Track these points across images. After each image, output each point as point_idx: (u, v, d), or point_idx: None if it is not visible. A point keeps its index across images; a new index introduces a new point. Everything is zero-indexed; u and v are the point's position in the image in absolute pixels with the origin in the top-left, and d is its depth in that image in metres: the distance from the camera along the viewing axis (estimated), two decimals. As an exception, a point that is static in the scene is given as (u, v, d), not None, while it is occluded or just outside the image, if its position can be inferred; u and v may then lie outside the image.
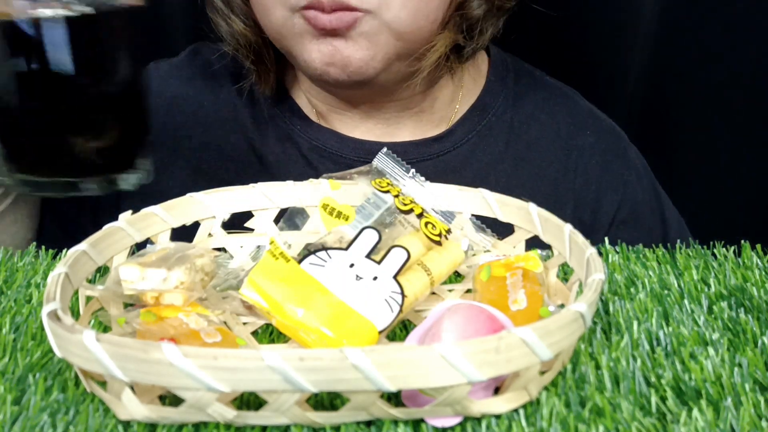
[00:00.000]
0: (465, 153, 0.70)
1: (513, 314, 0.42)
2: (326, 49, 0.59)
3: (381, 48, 0.59)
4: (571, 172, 0.70)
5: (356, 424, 0.35)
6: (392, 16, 0.57)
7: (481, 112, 0.71)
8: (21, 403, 0.37)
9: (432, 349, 0.32)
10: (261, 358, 0.32)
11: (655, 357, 0.40)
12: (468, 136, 0.70)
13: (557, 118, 0.72)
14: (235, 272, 0.49)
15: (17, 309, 0.46)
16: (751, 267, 0.51)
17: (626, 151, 0.73)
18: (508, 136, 0.71)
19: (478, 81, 0.72)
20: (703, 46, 0.82)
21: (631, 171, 0.72)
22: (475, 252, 0.52)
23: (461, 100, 0.71)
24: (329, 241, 0.49)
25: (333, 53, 0.59)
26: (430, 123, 0.71)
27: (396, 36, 0.59)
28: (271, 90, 0.69)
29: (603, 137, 0.72)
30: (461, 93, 0.71)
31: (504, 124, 0.71)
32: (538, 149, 0.71)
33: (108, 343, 0.33)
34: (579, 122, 0.72)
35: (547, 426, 0.35)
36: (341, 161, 0.68)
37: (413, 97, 0.68)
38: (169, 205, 0.51)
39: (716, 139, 0.85)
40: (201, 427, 0.35)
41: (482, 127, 0.70)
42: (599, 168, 0.71)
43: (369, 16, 0.57)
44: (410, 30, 0.59)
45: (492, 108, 0.71)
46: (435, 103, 0.70)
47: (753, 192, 0.84)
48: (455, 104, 0.71)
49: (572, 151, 0.71)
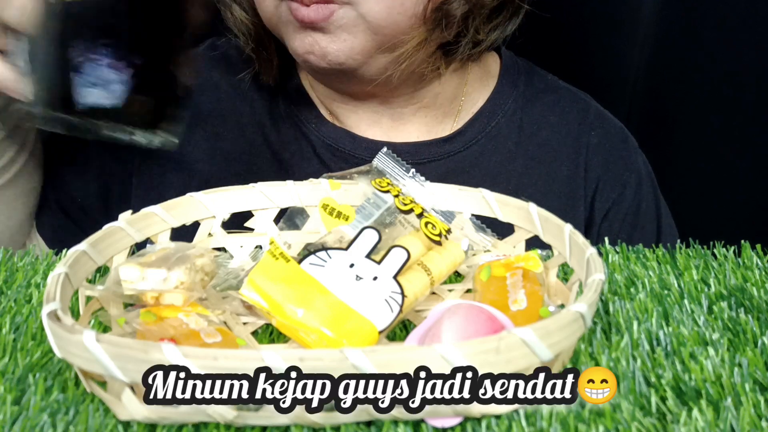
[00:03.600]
0: (475, 153, 0.70)
1: (513, 314, 0.42)
2: (307, 40, 0.61)
3: (359, 40, 0.60)
4: (581, 170, 0.71)
5: (356, 425, 0.35)
6: (367, 9, 0.59)
7: (491, 113, 0.72)
8: (21, 403, 0.37)
9: (432, 349, 0.32)
10: (261, 358, 0.32)
11: (655, 357, 0.40)
12: (478, 136, 0.71)
13: (567, 119, 0.73)
14: (235, 272, 0.49)
15: (17, 309, 0.46)
16: (751, 267, 0.51)
17: (631, 155, 0.74)
18: (518, 136, 0.71)
19: (487, 82, 0.73)
20: (703, 46, 0.82)
21: (633, 174, 0.72)
22: (475, 252, 0.52)
23: (468, 100, 0.72)
24: (329, 241, 0.49)
25: (312, 44, 0.61)
26: (435, 119, 0.71)
27: (373, 29, 0.60)
28: (274, 80, 0.70)
29: (609, 138, 0.73)
30: (465, 90, 0.72)
31: (514, 125, 0.72)
32: (549, 149, 0.71)
33: (108, 343, 0.33)
34: (588, 122, 0.73)
35: (547, 426, 0.35)
36: (354, 160, 0.69)
37: (415, 93, 0.69)
38: (169, 205, 0.51)
39: (716, 139, 0.85)
40: (201, 427, 0.35)
41: (491, 128, 0.71)
42: (601, 166, 0.72)
43: (346, 7, 0.58)
44: (386, 24, 0.60)
45: (501, 109, 0.72)
46: (437, 99, 0.70)
47: (753, 192, 0.84)
48: (459, 101, 0.72)
49: (581, 149, 0.72)
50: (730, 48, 0.80)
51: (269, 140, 0.71)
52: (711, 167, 0.85)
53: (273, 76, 0.70)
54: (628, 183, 0.72)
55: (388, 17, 0.60)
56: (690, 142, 0.86)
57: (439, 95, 0.70)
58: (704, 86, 0.83)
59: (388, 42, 0.61)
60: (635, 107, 0.87)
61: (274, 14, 0.62)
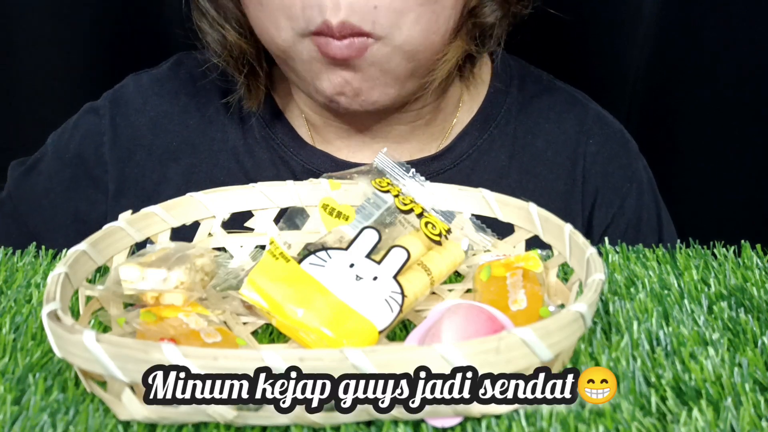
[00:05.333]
0: (466, 170, 0.67)
1: (513, 314, 0.42)
2: (336, 80, 0.57)
3: (392, 73, 0.57)
4: (579, 182, 0.68)
5: (356, 425, 0.35)
6: (405, 38, 0.55)
7: (483, 124, 0.68)
8: (21, 403, 0.37)
9: (432, 349, 0.32)
10: (261, 358, 0.32)
11: (655, 357, 0.40)
12: (469, 151, 0.67)
13: (564, 126, 0.69)
14: (235, 272, 0.49)
15: (17, 309, 0.46)
16: (751, 267, 0.51)
17: (631, 163, 0.70)
18: (512, 149, 0.68)
19: (479, 89, 0.69)
20: (703, 46, 0.82)
21: (633, 184, 0.70)
22: (475, 252, 0.52)
23: (462, 110, 0.68)
24: (329, 241, 0.49)
25: (343, 85, 0.57)
26: (432, 137, 0.68)
27: (408, 57, 0.56)
28: (258, 106, 0.65)
29: (608, 145, 0.69)
30: (462, 101, 0.69)
31: (507, 137, 0.68)
32: (544, 161, 0.68)
33: (108, 343, 0.33)
34: (586, 129, 0.69)
35: (547, 426, 0.35)
36: None
37: (422, 110, 0.65)
38: (169, 205, 0.51)
39: (716, 139, 0.84)
40: (201, 427, 0.35)
41: (483, 142, 0.67)
42: (600, 177, 0.68)
43: (380, 43, 0.54)
44: (422, 48, 0.56)
45: (494, 120, 0.68)
46: (439, 115, 0.67)
47: (753, 192, 0.84)
48: (455, 114, 0.68)
49: (578, 159, 0.68)
50: (730, 48, 0.80)
51: (245, 167, 0.67)
52: (711, 167, 0.85)
53: (258, 101, 0.65)
54: (629, 194, 0.69)
55: (426, 39, 0.56)
56: (690, 142, 0.86)
57: (442, 111, 0.67)
58: (704, 86, 0.83)
59: (421, 66, 0.58)
60: (635, 107, 0.87)
61: (292, 49, 0.57)
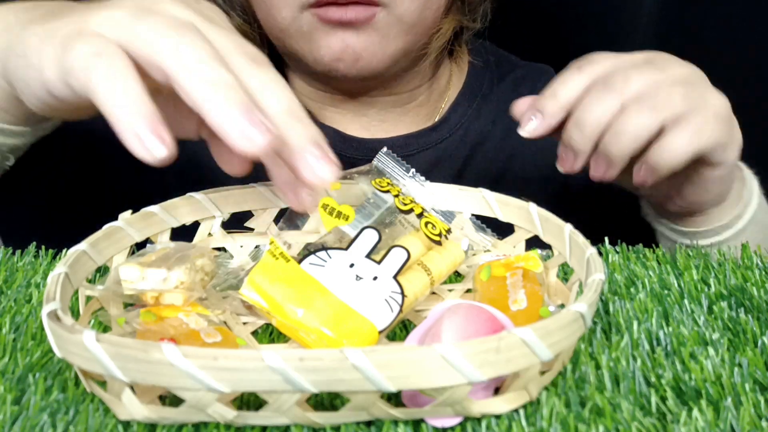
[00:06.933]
0: (458, 138, 0.72)
1: (513, 314, 0.42)
2: (336, 45, 0.59)
3: (391, 43, 0.60)
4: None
5: (356, 425, 0.35)
6: (404, 9, 0.58)
7: (470, 95, 0.74)
8: (21, 403, 0.37)
9: (432, 349, 0.32)
10: (261, 358, 0.32)
11: (655, 357, 0.40)
12: (461, 120, 0.72)
13: (537, 87, 0.73)
14: (235, 272, 0.49)
15: (17, 309, 0.46)
16: (751, 267, 0.51)
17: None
18: (495, 114, 0.73)
19: (461, 66, 0.75)
20: (703, 46, 0.82)
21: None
22: (475, 252, 0.52)
23: (452, 87, 0.73)
24: (329, 241, 0.49)
25: (343, 49, 0.59)
26: (426, 116, 0.72)
27: (405, 30, 0.60)
28: None
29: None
30: (451, 83, 0.73)
31: (491, 104, 0.74)
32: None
33: (108, 343, 0.33)
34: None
35: (547, 426, 0.35)
36: (343, 159, 0.68)
37: (413, 91, 0.69)
38: (169, 205, 0.51)
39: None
40: (201, 427, 0.35)
41: (472, 110, 0.73)
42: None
43: (384, 11, 0.58)
44: (418, 22, 0.60)
45: (479, 90, 0.74)
46: (432, 96, 0.72)
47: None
48: (447, 93, 0.73)
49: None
50: (730, 48, 0.80)
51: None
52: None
53: None
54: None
55: (421, 14, 0.60)
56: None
57: (434, 91, 0.71)
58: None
59: (416, 41, 0.61)
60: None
61: (292, 25, 0.60)
